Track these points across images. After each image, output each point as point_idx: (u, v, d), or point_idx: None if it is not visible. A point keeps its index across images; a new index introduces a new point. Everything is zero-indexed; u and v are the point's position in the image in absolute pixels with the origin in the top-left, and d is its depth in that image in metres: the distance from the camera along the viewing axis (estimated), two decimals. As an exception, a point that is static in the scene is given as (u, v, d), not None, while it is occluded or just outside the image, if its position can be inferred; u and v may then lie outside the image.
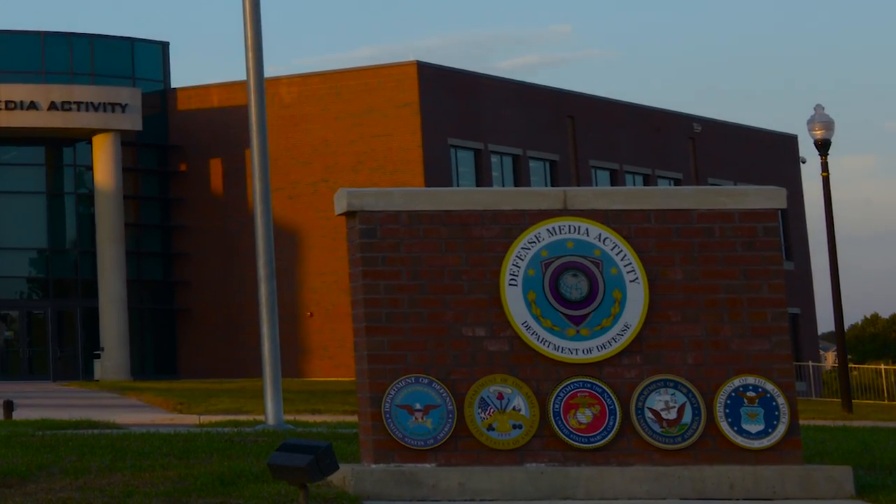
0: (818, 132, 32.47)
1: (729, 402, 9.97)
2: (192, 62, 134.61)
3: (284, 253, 49.94)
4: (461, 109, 52.28)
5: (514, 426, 9.89)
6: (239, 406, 26.25)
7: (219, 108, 54.11)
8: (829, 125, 32.34)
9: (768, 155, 63.96)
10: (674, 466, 9.85)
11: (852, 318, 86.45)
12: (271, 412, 17.60)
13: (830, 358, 75.32)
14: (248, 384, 38.60)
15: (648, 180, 58.76)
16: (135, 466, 10.79)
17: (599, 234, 10.12)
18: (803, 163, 60.03)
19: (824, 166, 32.43)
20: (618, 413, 9.94)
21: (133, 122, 51.63)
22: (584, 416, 9.94)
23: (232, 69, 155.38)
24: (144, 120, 52.24)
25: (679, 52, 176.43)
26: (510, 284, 10.05)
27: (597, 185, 56.13)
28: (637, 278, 10.07)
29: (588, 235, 10.12)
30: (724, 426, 9.94)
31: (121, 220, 51.53)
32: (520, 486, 9.72)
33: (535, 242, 10.09)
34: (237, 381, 44.33)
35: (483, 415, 9.90)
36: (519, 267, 10.06)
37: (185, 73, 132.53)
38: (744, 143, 63.18)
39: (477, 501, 9.67)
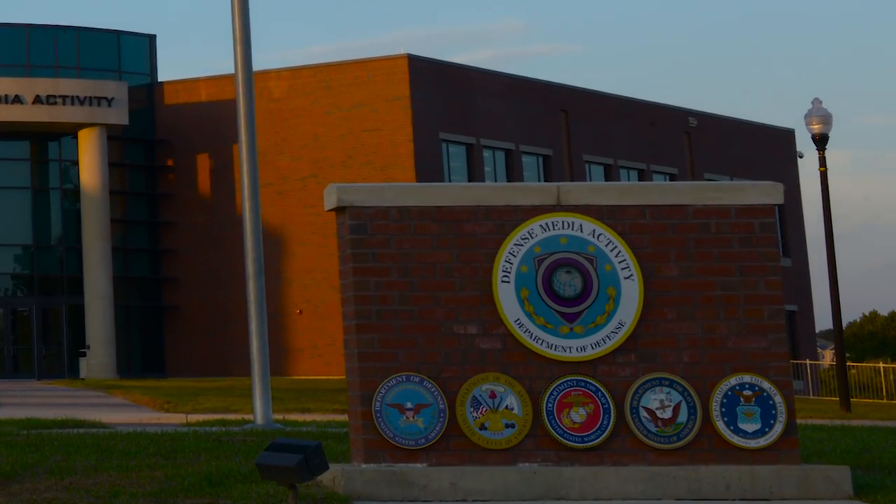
0: (816, 126, 32.26)
1: (725, 400, 9.86)
2: (180, 55, 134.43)
3: (273, 249, 49.78)
4: (453, 103, 51.99)
5: (507, 425, 9.79)
6: (227, 405, 26.12)
7: (206, 102, 53.90)
8: (826, 119, 32.12)
9: (765, 150, 63.77)
10: (669, 466, 9.76)
11: (851, 315, 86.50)
12: (260, 411, 17.50)
13: (828, 356, 75.35)
14: (236, 382, 38.48)
15: (643, 175, 58.55)
16: (121, 466, 10.75)
17: (593, 230, 10.00)
18: (800, 157, 60.09)
19: (822, 161, 32.24)
20: (612, 412, 9.82)
21: (119, 116, 51.41)
22: (578, 415, 9.83)
23: (220, 62, 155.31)
24: (131, 114, 52.01)
25: (678, 47, 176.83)
26: (503, 281, 9.92)
27: (591, 180, 56.03)
28: (632, 275, 9.96)
29: (582, 231, 10.00)
30: (720, 425, 9.84)
31: (107, 216, 51.30)
32: (512, 487, 9.63)
33: (527, 238, 9.97)
34: (225, 380, 44.21)
35: (475, 414, 9.79)
36: (511, 263, 9.94)
37: (172, 66, 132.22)
38: (740, 138, 62.95)
39: (469, 502, 9.60)
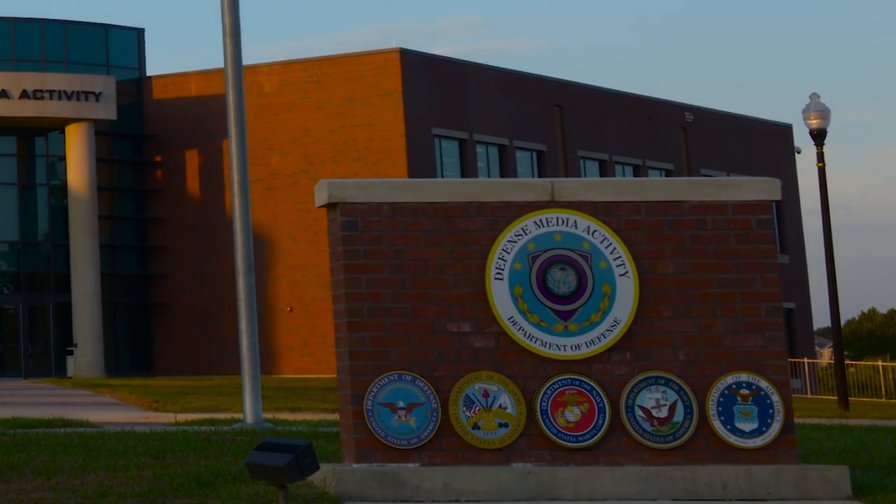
0: (814, 121, 32.03)
1: (722, 399, 9.76)
2: (169, 49, 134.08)
3: (263, 246, 49.64)
4: (445, 98, 51.77)
5: (501, 425, 9.68)
6: (216, 404, 25.97)
7: (196, 96, 53.68)
8: (825, 114, 31.90)
9: (762, 145, 63.58)
10: (665, 466, 9.66)
11: (849, 313, 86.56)
12: (250, 410, 17.37)
13: (826, 354, 75.32)
14: (225, 381, 38.34)
15: (639, 171, 58.29)
16: (109, 466, 10.69)
17: (588, 227, 9.88)
18: (798, 153, 59.97)
19: (820, 156, 31.99)
20: (607, 411, 9.71)
21: (107, 111, 51.18)
22: (573, 414, 9.71)
23: (209, 57, 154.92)
24: (119, 109, 51.76)
25: (676, 43, 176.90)
26: (496, 278, 9.80)
27: (586, 176, 55.78)
28: (627, 272, 9.84)
29: (577, 228, 9.88)
30: (717, 425, 9.73)
31: (94, 212, 51.07)
32: (506, 487, 9.53)
33: (521, 235, 9.85)
34: (214, 378, 44.03)
35: (468, 413, 9.68)
36: (505, 260, 9.82)
37: (160, 60, 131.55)
38: (737, 133, 62.75)
39: (462, 502, 9.53)
